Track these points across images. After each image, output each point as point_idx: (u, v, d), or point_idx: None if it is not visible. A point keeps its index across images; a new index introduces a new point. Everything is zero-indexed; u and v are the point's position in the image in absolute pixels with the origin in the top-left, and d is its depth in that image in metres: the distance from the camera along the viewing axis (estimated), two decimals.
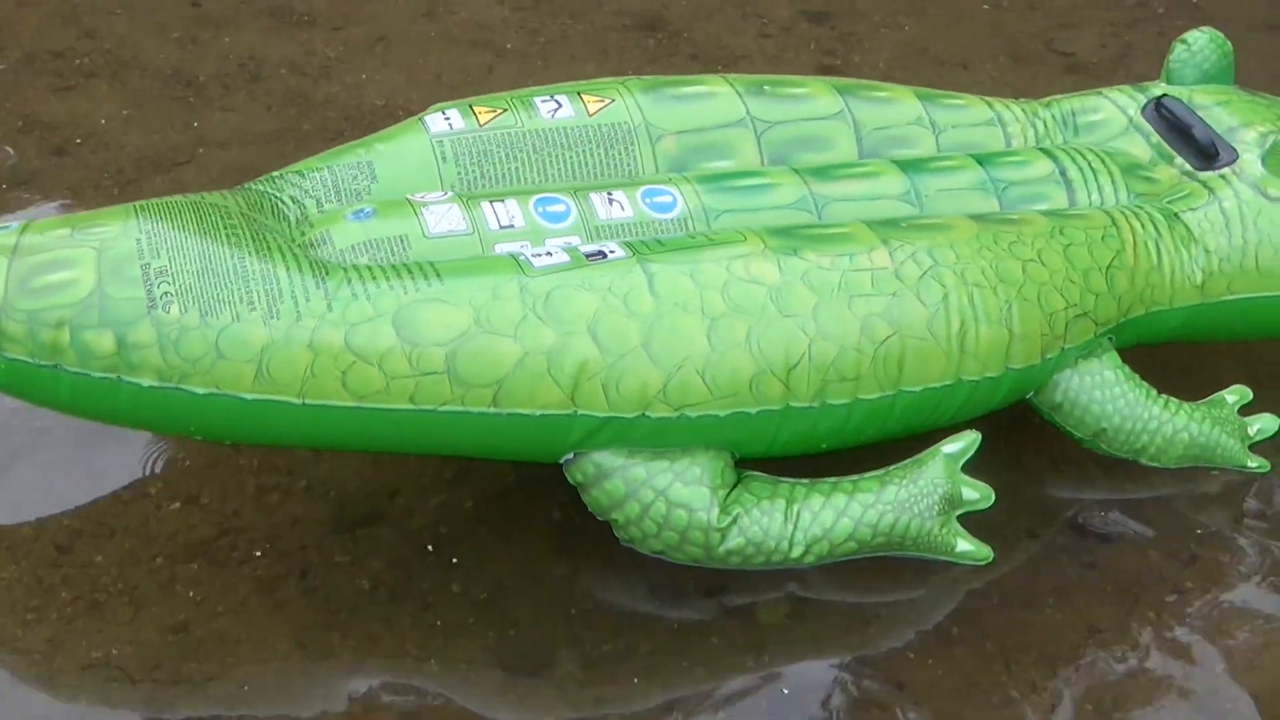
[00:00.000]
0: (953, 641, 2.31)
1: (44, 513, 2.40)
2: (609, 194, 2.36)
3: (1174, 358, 2.71)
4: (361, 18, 3.66)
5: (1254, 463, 2.57)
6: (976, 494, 2.35)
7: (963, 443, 2.34)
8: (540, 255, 2.24)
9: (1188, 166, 2.58)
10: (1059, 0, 3.87)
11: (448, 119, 2.44)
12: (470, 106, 2.45)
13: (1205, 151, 2.57)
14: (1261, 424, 2.60)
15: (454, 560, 2.37)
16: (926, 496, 2.31)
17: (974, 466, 2.38)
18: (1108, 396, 2.47)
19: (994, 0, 3.86)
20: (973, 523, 2.40)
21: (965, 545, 2.37)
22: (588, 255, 2.23)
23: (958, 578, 2.39)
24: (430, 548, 2.39)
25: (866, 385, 2.26)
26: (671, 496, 2.24)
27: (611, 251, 2.24)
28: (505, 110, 2.44)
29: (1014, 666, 2.28)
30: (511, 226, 2.30)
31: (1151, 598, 2.39)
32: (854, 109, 2.55)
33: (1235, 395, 2.59)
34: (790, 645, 2.30)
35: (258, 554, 2.36)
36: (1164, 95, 2.66)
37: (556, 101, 2.47)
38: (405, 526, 2.42)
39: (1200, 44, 2.70)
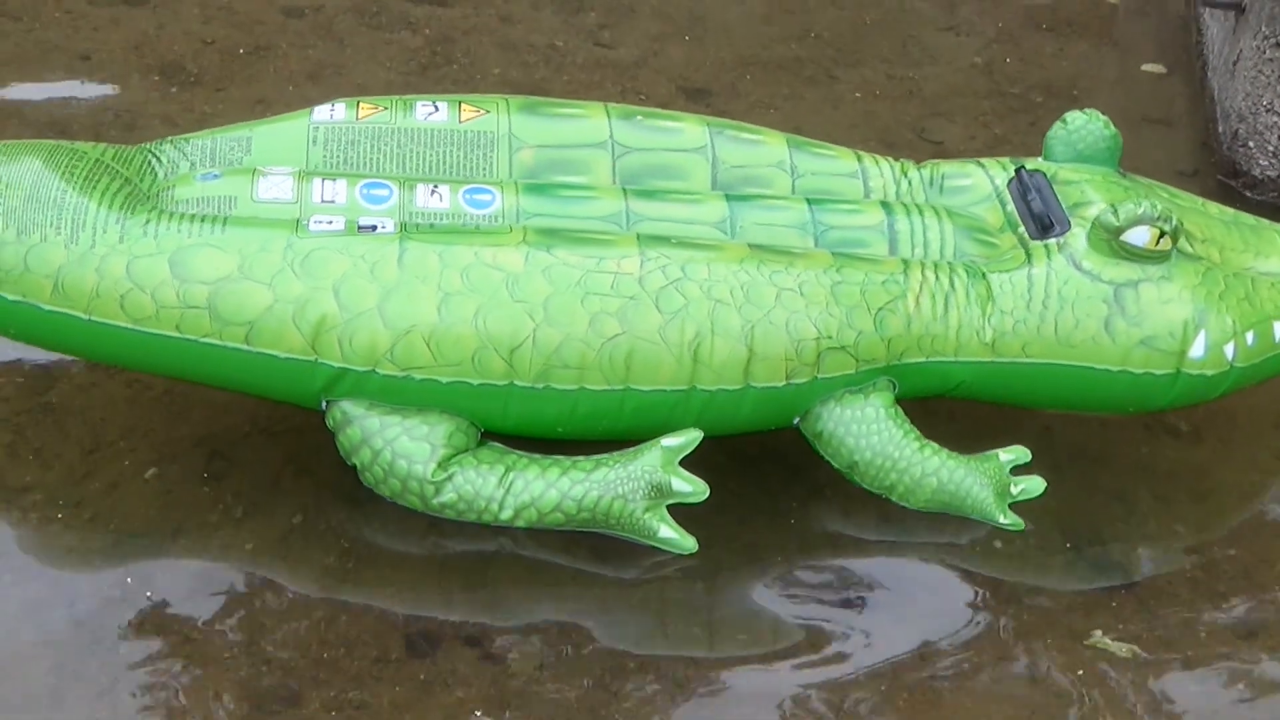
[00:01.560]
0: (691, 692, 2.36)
1: None
2: (434, 186, 2.57)
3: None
4: (246, 79, 3.75)
5: (1006, 519, 2.62)
6: (689, 487, 2.49)
7: (684, 438, 2.50)
8: (321, 222, 2.47)
9: (1025, 235, 2.63)
10: (935, 89, 3.94)
11: (332, 111, 2.69)
12: (357, 103, 2.71)
13: (1041, 222, 2.63)
14: (1027, 484, 2.64)
15: (221, 598, 2.42)
16: (634, 480, 2.48)
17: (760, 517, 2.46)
18: (864, 431, 2.56)
19: (868, 89, 3.93)
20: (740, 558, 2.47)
21: (668, 533, 2.52)
22: (360, 227, 2.46)
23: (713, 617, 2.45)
24: (202, 585, 2.44)
25: (592, 376, 2.44)
26: (397, 448, 2.48)
27: (383, 227, 2.47)
28: (386, 109, 2.69)
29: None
30: (333, 202, 2.54)
31: (908, 658, 2.43)
32: (718, 146, 2.72)
33: (1011, 454, 2.64)
34: (539, 702, 2.33)
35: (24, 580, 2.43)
36: (1022, 167, 2.73)
37: (435, 106, 2.69)
38: (180, 564, 2.48)
39: (1078, 123, 2.75)
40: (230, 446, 2.68)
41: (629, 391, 2.46)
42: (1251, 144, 3.36)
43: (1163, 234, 2.54)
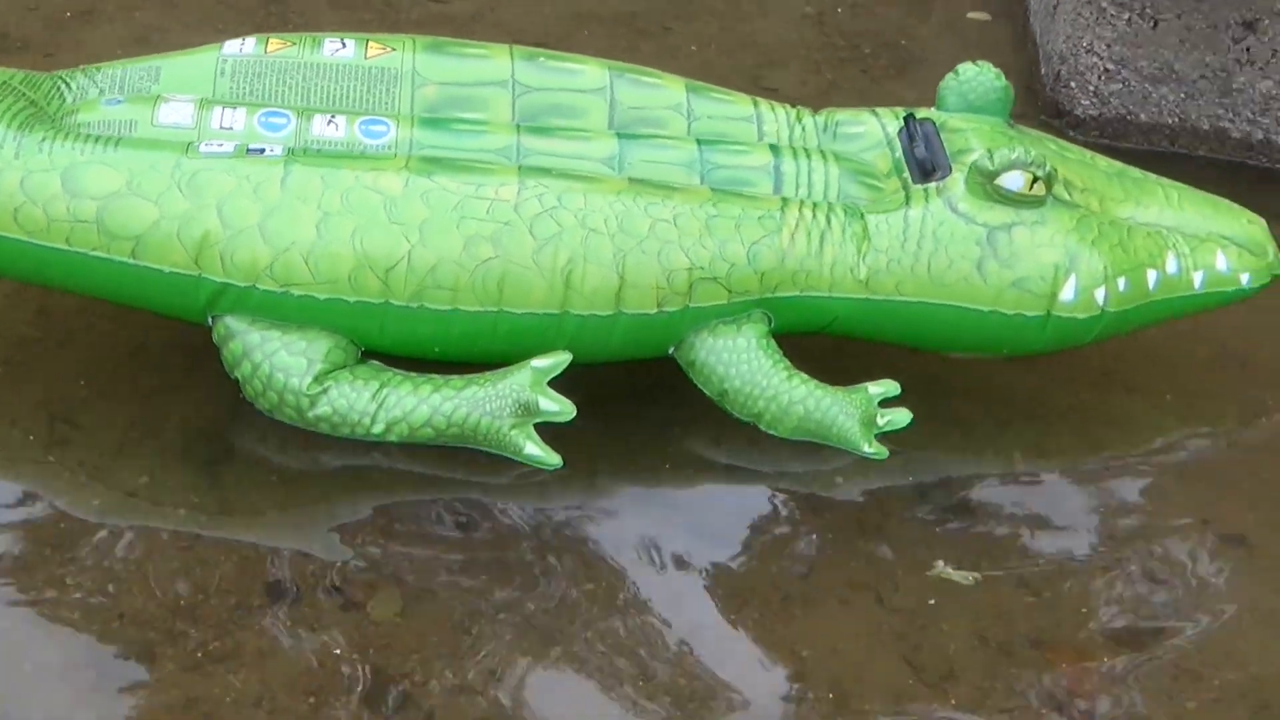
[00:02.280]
0: (552, 633, 2.40)
1: None
2: (331, 116, 2.65)
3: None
4: (74, 44, 3.69)
5: (871, 449, 2.69)
6: (556, 406, 2.57)
7: (553, 359, 2.58)
8: (212, 145, 2.56)
9: (910, 179, 2.70)
10: (769, 40, 4.00)
11: (243, 45, 2.77)
12: (268, 38, 2.78)
13: (923, 167, 2.70)
14: (893, 416, 2.71)
15: (72, 555, 2.41)
16: (502, 398, 2.56)
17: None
18: (734, 360, 2.64)
19: (703, 41, 3.98)
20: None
21: (533, 450, 2.60)
22: (249, 150, 2.56)
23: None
24: (49, 548, 2.43)
25: (465, 297, 2.53)
26: (275, 361, 2.57)
27: (271, 150, 2.56)
28: (295, 45, 2.76)
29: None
30: (230, 129, 2.62)
31: (760, 580, 2.51)
32: (617, 88, 2.79)
33: (880, 387, 2.72)
34: (399, 640, 2.36)
35: None
36: (912, 115, 2.80)
37: (343, 43, 2.78)
38: (25, 529, 2.46)
39: (968, 75, 2.82)
40: (72, 412, 2.66)
41: (502, 314, 2.54)
42: (1073, 84, 3.47)
43: (1036, 179, 2.62)
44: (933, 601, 2.48)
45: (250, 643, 2.32)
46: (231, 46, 2.76)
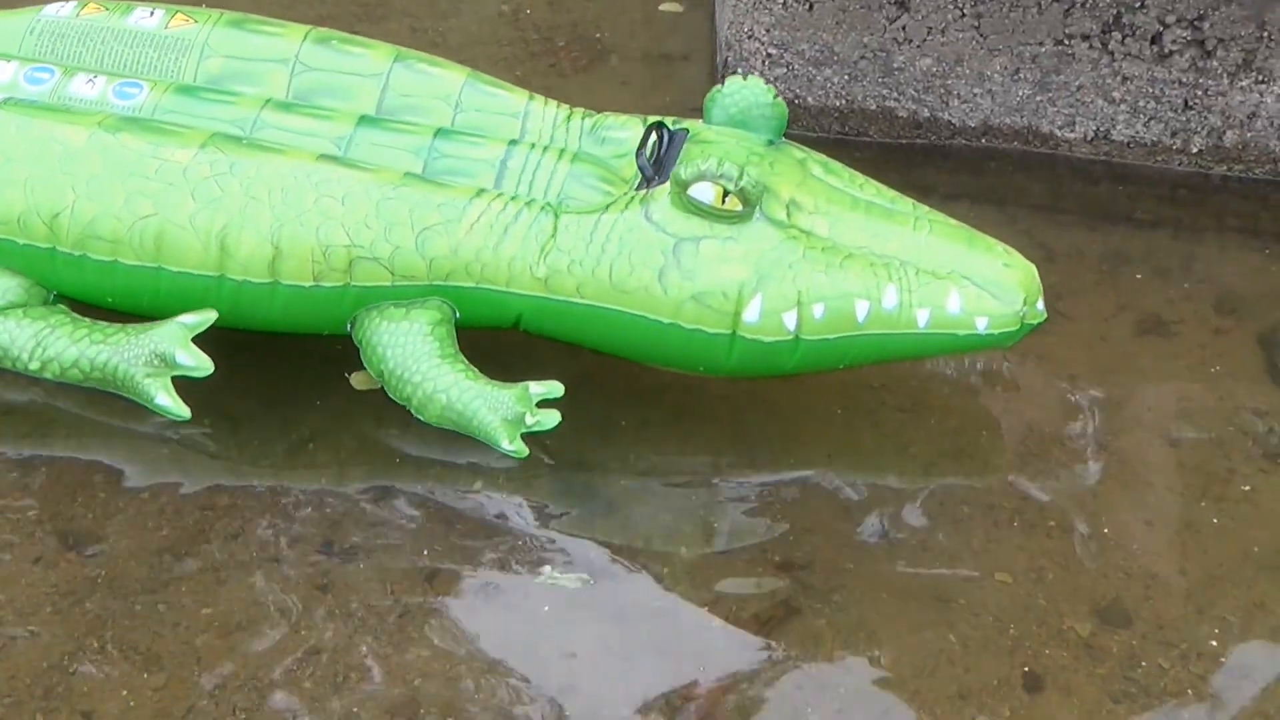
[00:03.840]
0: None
1: None
2: (93, 76, 2.80)
3: None
4: None
5: (511, 446, 2.67)
6: (193, 361, 2.69)
7: (199, 317, 2.69)
8: None
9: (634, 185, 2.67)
10: (459, 39, 3.92)
11: (60, 8, 2.93)
12: (87, 2, 2.92)
13: (643, 173, 2.66)
14: (541, 417, 2.67)
15: None
16: (141, 348, 2.69)
17: None
18: (393, 342, 2.69)
19: (392, 43, 3.88)
20: None
21: (164, 400, 2.72)
22: None
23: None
24: None
25: (124, 251, 2.67)
26: None
27: None
28: (107, 11, 2.91)
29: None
30: None
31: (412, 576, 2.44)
32: (394, 74, 2.85)
33: (542, 387, 2.68)
34: None
35: None
36: (659, 124, 2.74)
37: (152, 13, 2.91)
38: None
39: (731, 89, 2.74)
40: None
41: (162, 270, 2.67)
42: (740, 71, 3.42)
43: (727, 193, 2.57)
44: (547, 608, 2.45)
45: None
46: (51, 9, 2.90)
